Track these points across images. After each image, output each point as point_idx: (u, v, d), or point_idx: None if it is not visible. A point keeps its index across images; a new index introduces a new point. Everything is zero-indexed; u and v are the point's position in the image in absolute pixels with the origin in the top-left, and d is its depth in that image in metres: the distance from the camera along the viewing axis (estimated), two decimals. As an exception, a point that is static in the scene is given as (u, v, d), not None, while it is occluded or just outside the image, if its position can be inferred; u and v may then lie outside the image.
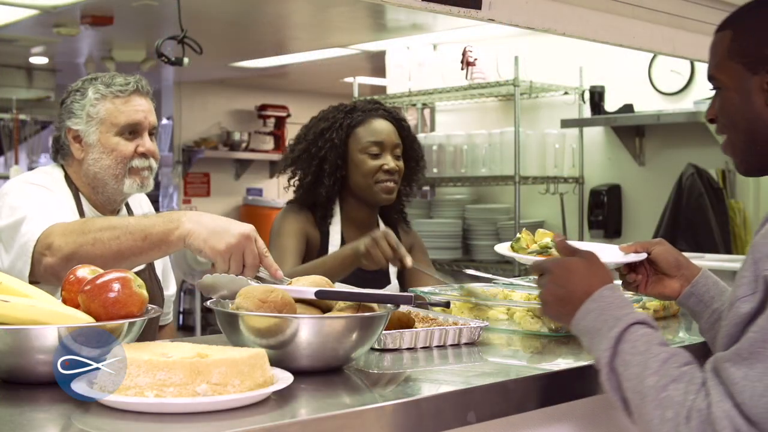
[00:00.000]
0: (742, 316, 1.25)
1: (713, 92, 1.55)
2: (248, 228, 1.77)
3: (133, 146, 2.23)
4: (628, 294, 1.87)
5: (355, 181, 2.65)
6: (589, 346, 1.41)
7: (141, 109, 2.25)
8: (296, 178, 2.74)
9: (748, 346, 1.21)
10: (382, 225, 2.78)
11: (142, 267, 2.29)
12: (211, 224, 1.78)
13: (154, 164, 2.28)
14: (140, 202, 2.46)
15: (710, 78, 1.53)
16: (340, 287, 1.74)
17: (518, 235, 2.01)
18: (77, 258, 1.76)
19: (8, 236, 2.00)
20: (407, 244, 2.68)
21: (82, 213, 2.24)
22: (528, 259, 1.87)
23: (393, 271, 2.70)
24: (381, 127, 2.66)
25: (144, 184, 2.27)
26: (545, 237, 1.97)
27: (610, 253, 1.79)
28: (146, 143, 2.24)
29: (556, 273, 1.50)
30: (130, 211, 2.40)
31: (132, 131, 2.23)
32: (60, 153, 2.29)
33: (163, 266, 2.47)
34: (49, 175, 2.28)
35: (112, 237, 1.79)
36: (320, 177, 2.64)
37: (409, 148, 2.74)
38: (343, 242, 2.65)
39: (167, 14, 4.68)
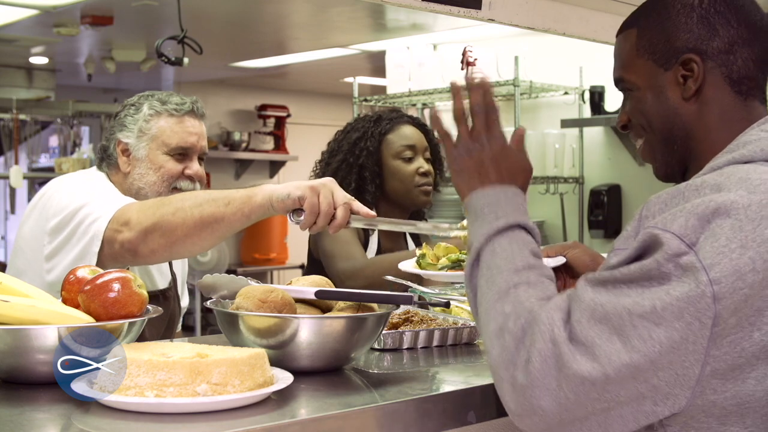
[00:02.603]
0: (612, 265, 1.18)
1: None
2: (329, 178, 1.72)
3: (181, 167, 2.19)
4: None
5: (392, 187, 2.68)
6: (470, 225, 1.34)
7: (194, 131, 2.22)
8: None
9: (611, 280, 1.15)
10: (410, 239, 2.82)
11: (166, 286, 2.28)
12: (292, 182, 1.73)
13: (199, 188, 2.24)
14: None
15: (618, 81, 1.45)
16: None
17: (418, 251, 1.90)
18: (159, 229, 1.73)
19: (70, 227, 1.94)
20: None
21: None
22: (441, 275, 1.79)
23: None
24: (410, 132, 2.72)
25: None
26: (449, 252, 1.85)
27: None
28: (194, 167, 2.21)
29: (493, 147, 1.36)
30: None
31: (182, 153, 2.20)
32: (105, 162, 2.25)
33: (181, 279, 2.47)
34: (94, 177, 2.24)
35: (194, 205, 1.74)
36: (362, 185, 2.67)
37: (434, 152, 2.78)
38: (379, 250, 2.69)
39: (167, 14, 4.68)
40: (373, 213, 1.70)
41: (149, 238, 1.71)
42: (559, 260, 1.66)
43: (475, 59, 4.75)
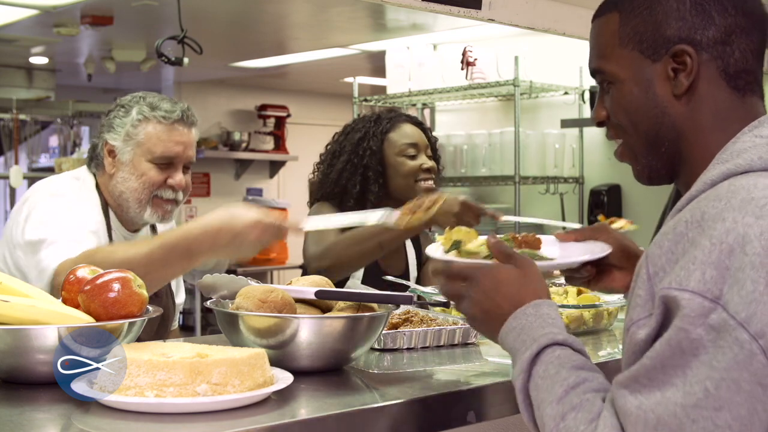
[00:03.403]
0: (639, 344, 1.07)
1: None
2: (252, 216, 1.74)
3: (163, 176, 2.18)
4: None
5: (396, 184, 2.69)
6: (512, 368, 1.24)
7: (181, 140, 2.20)
8: (342, 187, 2.72)
9: (644, 373, 1.03)
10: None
11: None
12: (223, 240, 1.75)
13: (181, 198, 2.24)
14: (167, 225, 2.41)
15: (596, 72, 1.29)
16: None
17: (438, 237, 1.60)
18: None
19: (31, 253, 2.01)
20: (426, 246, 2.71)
21: (109, 227, 2.22)
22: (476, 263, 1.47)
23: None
24: (411, 130, 2.73)
25: (165, 217, 2.23)
26: (467, 236, 1.53)
27: (575, 250, 1.51)
28: (178, 177, 2.20)
29: (485, 283, 1.28)
30: (154, 230, 2.38)
31: (167, 162, 2.19)
32: (93, 161, 2.26)
33: None
34: (81, 180, 2.24)
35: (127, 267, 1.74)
36: (366, 185, 2.67)
37: (433, 150, 2.80)
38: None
39: (167, 14, 4.68)
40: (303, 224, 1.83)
41: None
42: (606, 249, 1.48)
43: (475, 59, 4.75)
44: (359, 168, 2.68)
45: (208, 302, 1.63)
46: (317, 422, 1.24)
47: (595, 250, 1.49)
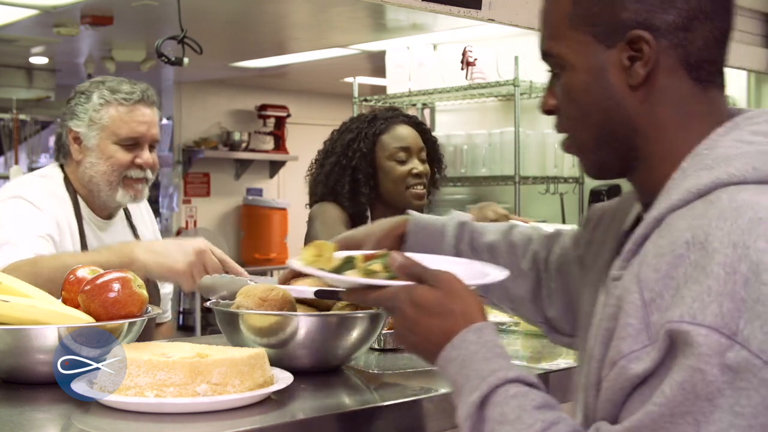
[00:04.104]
0: (632, 379, 0.93)
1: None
2: (201, 242, 1.79)
3: (131, 156, 2.23)
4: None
5: (386, 188, 2.67)
6: (455, 405, 1.08)
7: (144, 120, 2.24)
8: (331, 188, 2.72)
9: (650, 422, 0.89)
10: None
11: None
12: (164, 250, 1.80)
13: (150, 175, 2.28)
14: (140, 209, 2.47)
15: (545, 55, 1.14)
16: None
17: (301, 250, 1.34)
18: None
19: None
20: None
21: (79, 216, 2.24)
22: (347, 281, 1.23)
23: None
24: (405, 132, 2.70)
25: (137, 196, 2.28)
26: (327, 248, 1.31)
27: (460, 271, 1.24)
28: (144, 155, 2.24)
29: (406, 312, 1.13)
30: (128, 216, 2.41)
31: (132, 143, 2.23)
32: (61, 152, 2.30)
33: None
34: (47, 179, 2.27)
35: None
36: (356, 186, 2.66)
37: (432, 151, 2.77)
38: None
39: (167, 14, 4.67)
40: (244, 273, 1.79)
41: None
42: (499, 274, 1.31)
43: (475, 59, 4.75)
44: (347, 169, 2.66)
45: (208, 302, 1.63)
46: (317, 422, 1.24)
47: (484, 272, 1.33)
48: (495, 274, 1.31)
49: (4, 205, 2.15)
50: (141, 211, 2.47)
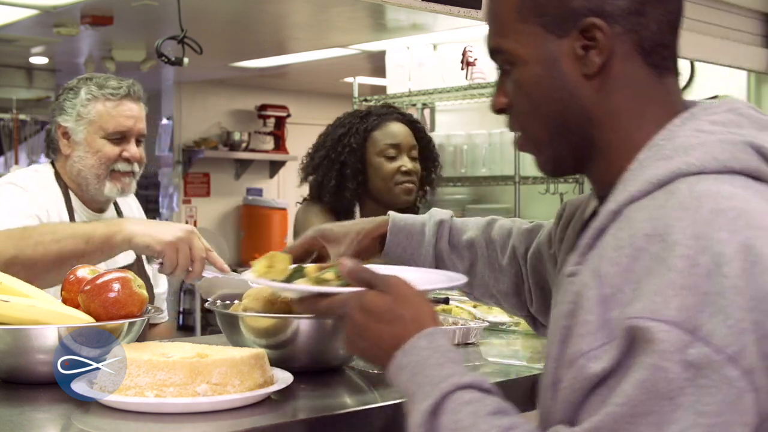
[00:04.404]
0: (591, 378, 0.89)
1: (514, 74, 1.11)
2: (190, 226, 1.80)
3: (118, 150, 2.28)
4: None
5: (374, 185, 2.68)
6: (409, 415, 1.04)
7: (131, 115, 2.29)
8: (319, 182, 2.72)
9: (610, 423, 0.86)
10: None
11: (131, 262, 2.30)
12: (154, 223, 1.81)
13: (138, 169, 2.33)
14: (129, 204, 2.49)
15: (494, 52, 1.11)
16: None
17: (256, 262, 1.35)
18: (19, 262, 1.73)
19: None
20: None
21: (71, 209, 2.28)
22: (300, 289, 1.23)
23: None
24: (397, 129, 2.70)
25: (125, 190, 2.32)
26: (281, 260, 1.34)
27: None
28: (132, 149, 2.29)
29: (355, 318, 1.11)
30: (119, 212, 2.44)
31: (119, 137, 2.28)
32: (50, 147, 2.35)
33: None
34: (40, 173, 2.33)
35: (54, 240, 1.76)
36: (343, 182, 2.66)
37: (425, 149, 2.77)
38: None
39: (167, 14, 4.67)
40: (227, 268, 1.77)
41: (10, 270, 1.66)
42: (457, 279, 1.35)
43: (475, 59, 4.75)
44: (336, 164, 2.67)
45: (208, 303, 1.64)
46: (317, 422, 1.24)
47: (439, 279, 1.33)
48: (450, 279, 1.33)
49: (4, 188, 2.21)
50: (130, 206, 2.51)
